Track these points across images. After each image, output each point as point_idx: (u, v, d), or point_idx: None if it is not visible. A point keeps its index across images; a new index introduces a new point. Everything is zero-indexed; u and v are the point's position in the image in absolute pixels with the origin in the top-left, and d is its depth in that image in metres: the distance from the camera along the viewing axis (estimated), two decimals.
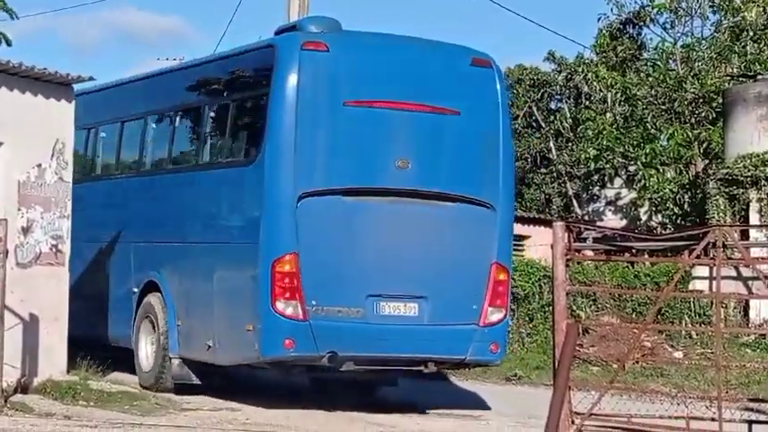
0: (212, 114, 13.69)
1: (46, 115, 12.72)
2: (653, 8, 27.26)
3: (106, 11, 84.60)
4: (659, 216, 26.12)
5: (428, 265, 12.21)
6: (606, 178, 27.76)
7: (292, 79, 11.68)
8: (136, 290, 13.88)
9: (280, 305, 11.44)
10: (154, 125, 14.87)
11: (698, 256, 9.51)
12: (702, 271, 19.96)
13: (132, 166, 15.33)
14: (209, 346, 12.33)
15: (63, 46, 63.20)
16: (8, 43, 15.77)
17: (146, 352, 13.59)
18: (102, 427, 10.44)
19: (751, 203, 21.61)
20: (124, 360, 14.34)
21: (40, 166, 12.59)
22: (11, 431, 9.76)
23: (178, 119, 14.43)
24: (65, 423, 10.48)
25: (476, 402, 13.96)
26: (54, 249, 12.74)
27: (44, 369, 12.48)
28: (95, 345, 13.96)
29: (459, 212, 12.49)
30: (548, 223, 23.08)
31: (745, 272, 18.82)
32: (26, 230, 12.35)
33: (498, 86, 12.84)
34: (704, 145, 26.15)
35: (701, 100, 26.24)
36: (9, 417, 10.53)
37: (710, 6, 27.78)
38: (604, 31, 28.18)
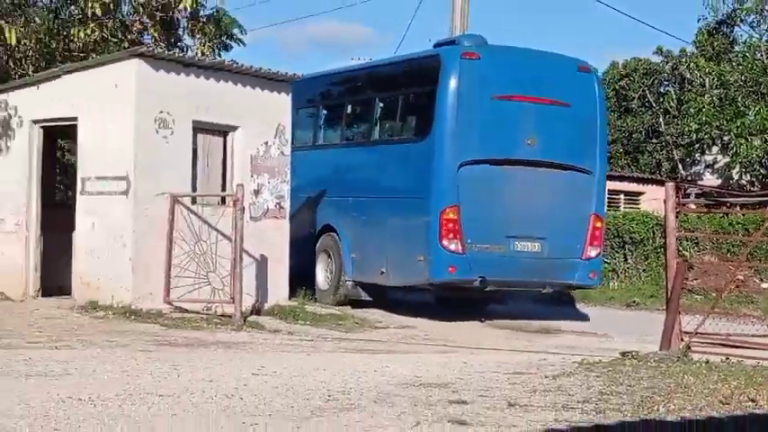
0: (393, 102, 14.24)
1: (270, 104, 12.90)
2: (742, 11, 27.05)
3: (312, 24, 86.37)
4: (748, 176, 25.97)
5: (547, 216, 12.99)
6: (705, 147, 27.59)
7: (454, 79, 12.71)
8: (314, 231, 14.49)
9: (445, 242, 12.44)
10: (349, 109, 15.38)
11: None
12: None
13: (331, 140, 15.62)
14: (383, 272, 13.38)
15: (279, 49, 64.66)
16: (243, 32, 15.74)
17: (323, 276, 14.37)
18: (316, 340, 10.61)
19: None
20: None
21: (266, 143, 12.78)
22: (250, 343, 9.95)
23: (365, 106, 14.80)
24: (289, 337, 10.72)
25: (599, 324, 13.69)
26: (278, 207, 12.97)
27: (272, 297, 12.74)
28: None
29: (568, 177, 13.30)
30: (658, 182, 22.52)
31: None
32: (257, 193, 12.60)
33: (596, 86, 13.77)
34: None
35: None
36: (247, 332, 10.78)
37: None
38: (703, 30, 28.02)
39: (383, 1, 64.10)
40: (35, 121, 12.32)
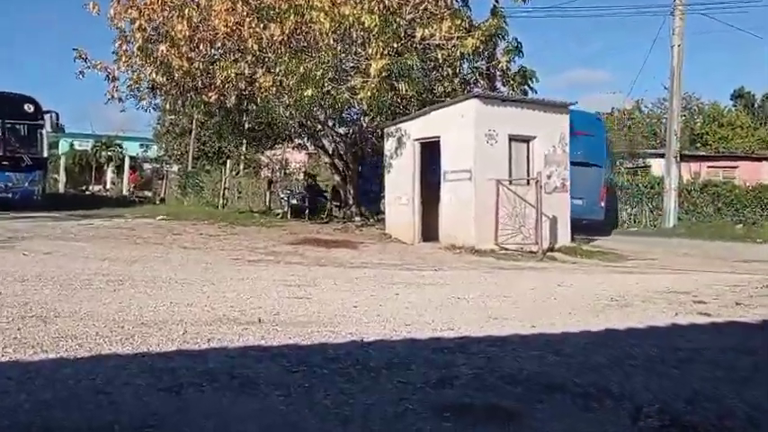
0: None
1: (554, 121, 13.44)
2: None
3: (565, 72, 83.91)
4: None
5: (584, 187, 15.92)
6: None
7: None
8: None
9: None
10: None
11: None
12: None
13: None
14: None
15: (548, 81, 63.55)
16: (537, 80, 15.79)
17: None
18: (591, 266, 10.77)
19: None
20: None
21: (553, 146, 13.39)
22: (550, 268, 10.31)
23: None
24: (573, 265, 11.04)
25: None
26: (562, 185, 13.52)
27: (560, 240, 13.24)
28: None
29: (592, 169, 17.12)
30: None
31: None
32: (549, 177, 13.17)
33: (603, 125, 18.99)
34: None
35: None
36: (546, 262, 11.32)
37: None
38: None
39: (615, 47, 61.40)
40: (416, 139, 13.74)
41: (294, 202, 21.26)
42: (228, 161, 27.52)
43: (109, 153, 44.69)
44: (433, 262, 10.48)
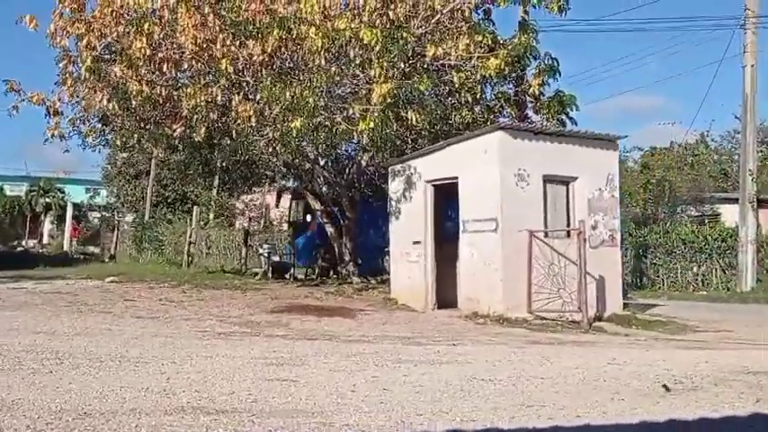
0: None
1: (601, 159, 13.55)
2: None
3: (621, 97, 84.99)
4: None
5: None
6: None
7: None
8: None
9: None
10: None
11: None
12: None
13: None
14: None
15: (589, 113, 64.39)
16: (577, 108, 15.81)
17: None
18: (649, 340, 10.75)
19: None
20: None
21: (599, 189, 13.48)
22: (597, 342, 10.36)
23: None
24: (626, 338, 11.04)
25: None
26: (611, 237, 13.54)
27: (609, 307, 13.17)
28: None
29: None
30: None
31: None
32: (594, 227, 13.22)
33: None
34: None
35: None
36: (593, 334, 11.35)
37: None
38: None
39: (673, 68, 62.38)
40: (428, 180, 13.82)
41: (276, 259, 21.25)
42: (195, 208, 27.70)
43: (47, 200, 44.99)
44: (451, 334, 10.55)
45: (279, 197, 25.60)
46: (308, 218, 22.47)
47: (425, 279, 13.79)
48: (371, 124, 12.77)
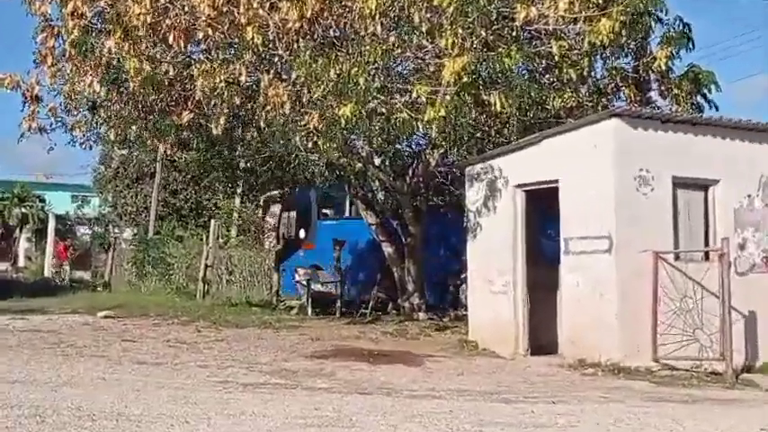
0: None
1: (752, 156, 13.48)
2: None
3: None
4: None
5: None
6: None
7: None
8: None
9: None
10: None
11: None
12: None
13: None
14: None
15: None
16: (717, 88, 15.78)
17: None
18: None
19: None
20: None
21: (749, 196, 13.40)
22: (746, 401, 10.37)
23: None
24: None
25: None
26: (765, 260, 13.35)
27: (762, 353, 13.01)
28: None
29: None
30: None
31: None
32: (742, 247, 13.13)
33: None
34: None
35: None
36: (740, 390, 11.22)
37: None
38: None
39: None
40: (518, 186, 13.87)
41: (319, 287, 21.36)
42: (213, 222, 28.03)
43: (23, 210, 45.95)
44: (549, 389, 10.62)
45: (266, 208, 25.89)
46: (302, 234, 22.60)
47: (515, 315, 13.87)
48: (442, 111, 12.79)
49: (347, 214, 23.41)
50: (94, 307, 20.10)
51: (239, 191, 30.98)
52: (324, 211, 24.73)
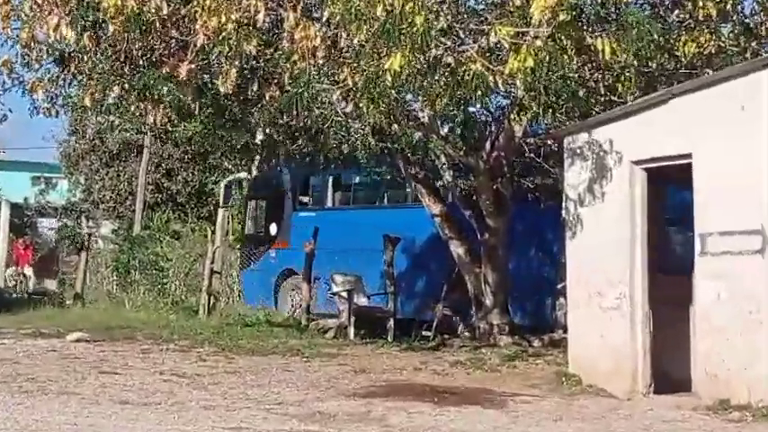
0: None
1: None
2: None
3: None
4: None
5: None
6: None
7: None
8: None
9: None
10: None
11: None
12: None
13: None
14: None
15: None
16: None
17: None
18: None
19: None
20: None
21: None
22: None
23: None
24: None
25: None
26: None
27: None
28: None
29: None
30: None
31: None
32: None
33: None
34: None
35: None
36: None
37: None
38: None
39: None
40: (636, 162, 13.88)
41: (363, 302, 21.49)
42: (221, 212, 28.19)
43: None
44: None
45: (228, 193, 26.11)
46: (273, 229, 22.72)
47: (632, 340, 13.93)
48: (530, 61, 12.72)
49: (329, 204, 23.63)
50: (62, 327, 20.38)
51: (255, 170, 31.15)
52: (302, 198, 24.93)
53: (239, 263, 24.77)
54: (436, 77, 14.15)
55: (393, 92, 14.19)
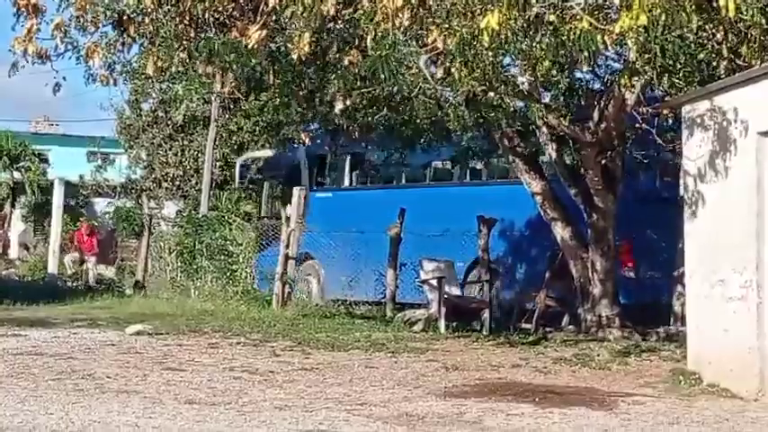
0: None
1: None
2: None
3: None
4: None
5: None
6: None
7: None
8: None
9: None
10: None
11: None
12: None
13: None
14: None
15: None
16: None
17: None
18: None
19: None
20: None
21: None
22: None
23: None
24: None
25: None
26: None
27: None
28: None
29: None
30: None
31: None
32: None
33: None
34: None
35: None
36: None
37: None
38: None
39: None
40: (764, 133, 13.79)
41: (454, 291, 21.48)
42: (296, 191, 28.27)
43: (16, 175, 46.29)
44: None
45: (243, 171, 26.06)
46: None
47: (760, 333, 13.82)
48: (643, 18, 12.62)
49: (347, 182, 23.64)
50: (122, 319, 20.59)
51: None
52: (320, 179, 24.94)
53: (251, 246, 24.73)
54: (537, 38, 14.07)
55: (489, 55, 14.16)
